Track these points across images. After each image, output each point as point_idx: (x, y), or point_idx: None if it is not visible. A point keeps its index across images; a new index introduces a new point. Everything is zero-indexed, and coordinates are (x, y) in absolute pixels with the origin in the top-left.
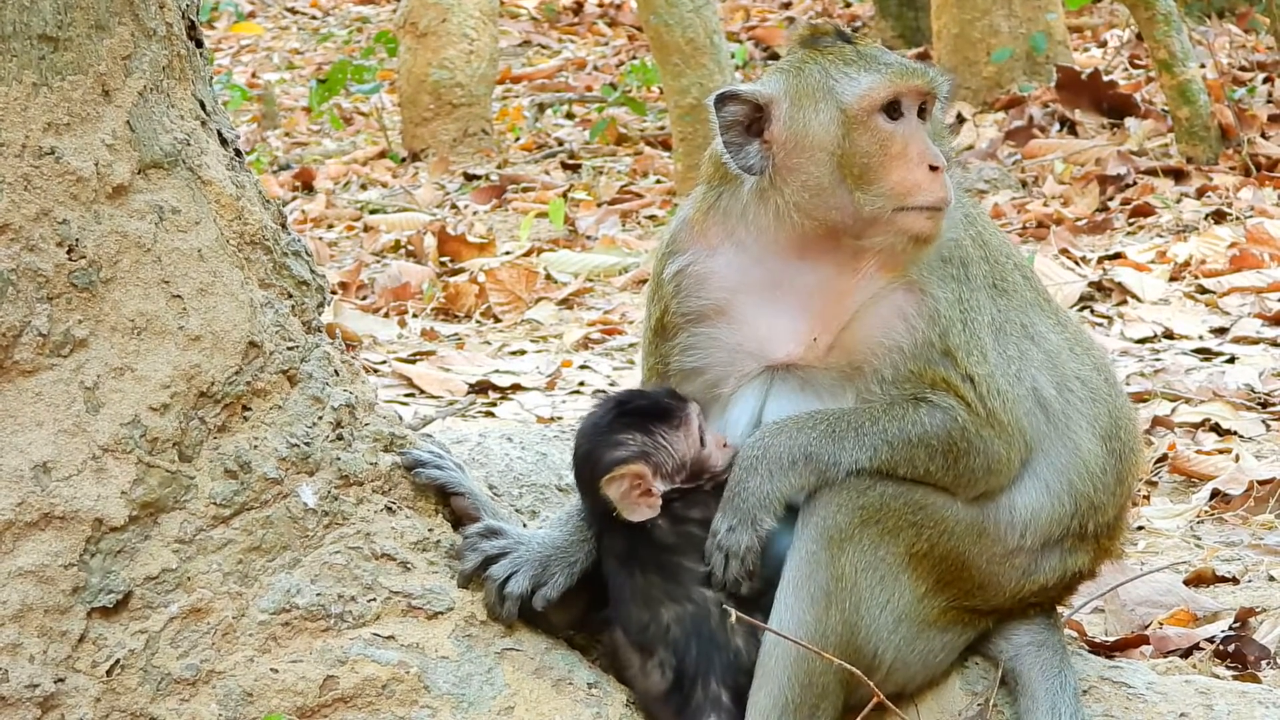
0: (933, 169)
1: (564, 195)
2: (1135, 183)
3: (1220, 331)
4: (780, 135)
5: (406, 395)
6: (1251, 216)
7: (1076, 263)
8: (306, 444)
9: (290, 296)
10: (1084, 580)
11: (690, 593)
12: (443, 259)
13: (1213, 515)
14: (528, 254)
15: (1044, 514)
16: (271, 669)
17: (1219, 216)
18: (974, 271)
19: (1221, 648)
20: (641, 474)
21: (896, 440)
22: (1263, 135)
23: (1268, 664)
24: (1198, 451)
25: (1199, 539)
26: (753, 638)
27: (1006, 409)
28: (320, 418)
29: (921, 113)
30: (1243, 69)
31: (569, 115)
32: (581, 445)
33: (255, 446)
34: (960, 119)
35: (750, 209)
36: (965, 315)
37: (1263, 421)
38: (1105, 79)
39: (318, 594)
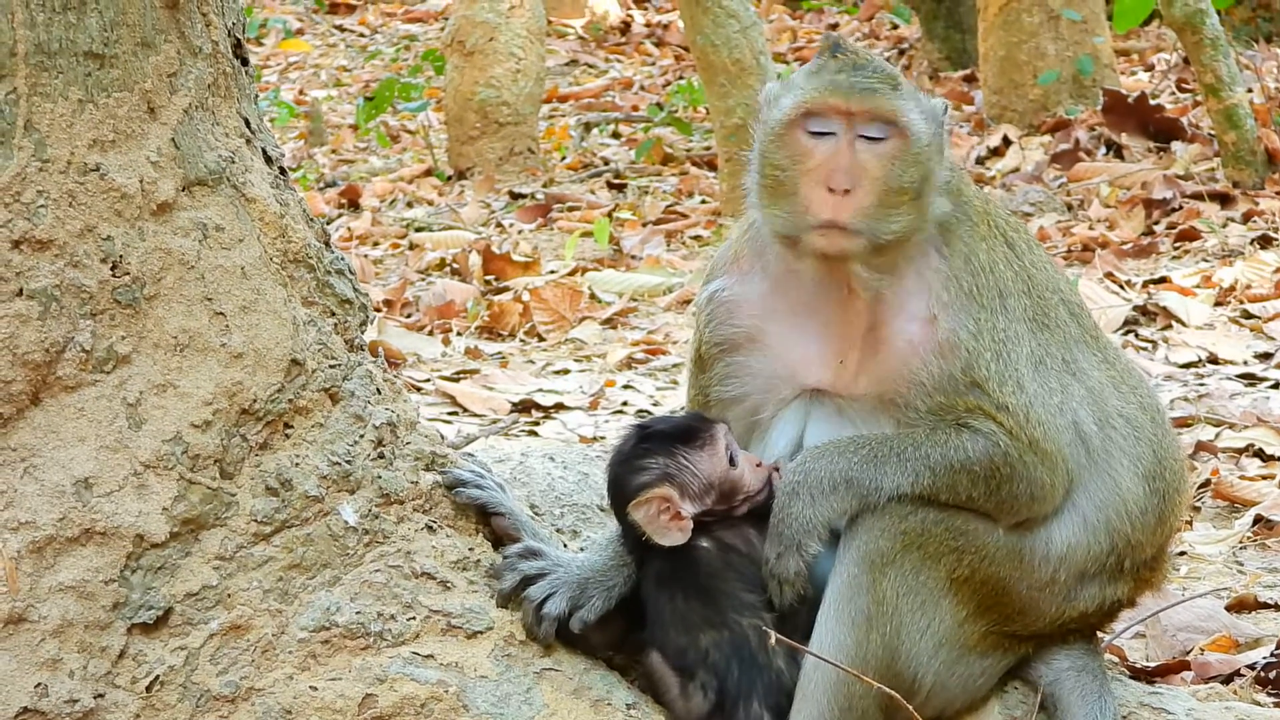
0: (830, 190)
1: (609, 215)
2: (1181, 207)
3: (1265, 357)
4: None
5: (450, 414)
6: None
7: (1121, 286)
8: (348, 462)
9: (333, 314)
10: (1124, 609)
11: (727, 618)
12: (487, 277)
13: (1255, 541)
14: (572, 273)
15: (1080, 550)
16: (310, 686)
17: (1265, 241)
18: (1013, 304)
19: (1262, 674)
20: (668, 497)
21: (939, 465)
22: None
23: None
24: (1241, 477)
25: (1241, 565)
26: (794, 659)
27: (1048, 437)
28: (362, 436)
29: (872, 134)
30: None
31: (615, 135)
32: (609, 474)
33: (297, 464)
34: (1006, 142)
35: (763, 227)
36: (998, 346)
37: None
38: (1152, 102)
39: (357, 612)
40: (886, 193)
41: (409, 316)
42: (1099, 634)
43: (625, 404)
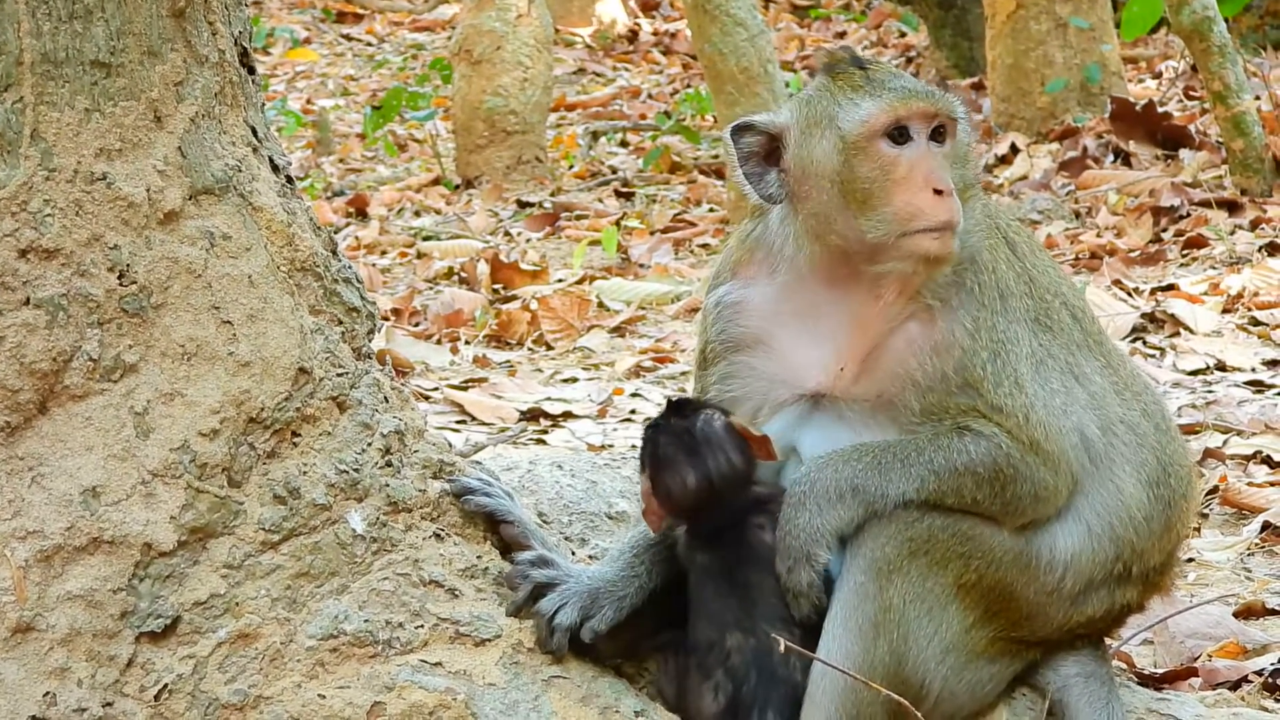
0: (937, 192)
1: (617, 223)
2: (1189, 214)
3: (1273, 364)
4: (791, 164)
5: (458, 422)
6: None
7: (1129, 294)
8: (355, 470)
9: (340, 323)
10: (1132, 613)
11: (756, 625)
12: (495, 286)
13: (1263, 548)
14: (580, 282)
15: (1085, 557)
16: (319, 695)
17: (1272, 249)
18: (1014, 304)
19: (1270, 680)
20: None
21: (943, 470)
22: None
23: None
24: (1249, 484)
25: (1249, 571)
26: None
27: (1049, 438)
28: (369, 444)
29: (938, 136)
30: None
31: (623, 143)
32: (699, 439)
33: (304, 473)
34: (1014, 149)
35: (778, 238)
36: (996, 346)
37: None
38: (1160, 110)
39: (365, 620)
40: (959, 191)
41: (417, 325)
42: (1107, 640)
43: (633, 412)
